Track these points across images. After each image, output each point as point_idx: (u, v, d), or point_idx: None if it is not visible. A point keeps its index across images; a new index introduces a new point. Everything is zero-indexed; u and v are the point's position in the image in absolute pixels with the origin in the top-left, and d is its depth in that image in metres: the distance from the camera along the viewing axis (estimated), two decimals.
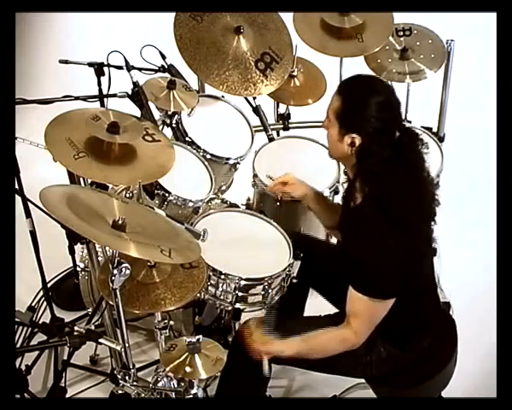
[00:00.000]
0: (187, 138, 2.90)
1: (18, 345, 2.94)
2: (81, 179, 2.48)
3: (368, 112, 2.18)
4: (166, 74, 2.80)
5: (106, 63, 2.71)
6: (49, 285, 3.06)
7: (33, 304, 3.12)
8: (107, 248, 2.69)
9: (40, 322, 3.03)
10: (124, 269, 2.03)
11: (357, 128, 2.19)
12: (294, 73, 3.23)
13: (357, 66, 3.11)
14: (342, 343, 2.30)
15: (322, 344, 2.34)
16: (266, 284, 2.55)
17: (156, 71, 2.81)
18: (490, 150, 3.39)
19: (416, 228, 2.22)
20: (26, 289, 3.13)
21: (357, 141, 2.20)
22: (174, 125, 2.88)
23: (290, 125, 3.35)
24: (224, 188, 3.06)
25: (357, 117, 2.20)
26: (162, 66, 2.82)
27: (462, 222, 3.46)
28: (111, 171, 2.28)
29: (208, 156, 2.90)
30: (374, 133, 2.18)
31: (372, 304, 2.22)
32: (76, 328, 2.39)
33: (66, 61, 2.83)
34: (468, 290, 3.26)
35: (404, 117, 2.81)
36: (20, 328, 3.02)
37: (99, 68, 2.74)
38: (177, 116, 2.87)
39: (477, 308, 3.19)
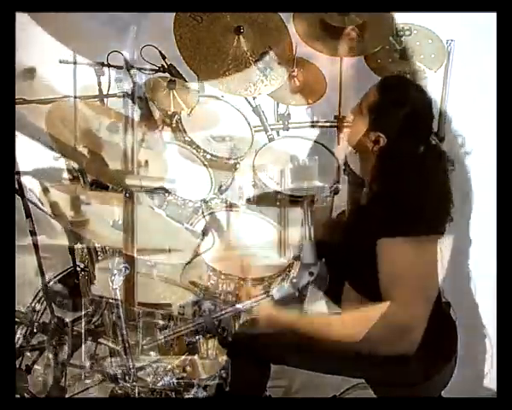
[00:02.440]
0: (187, 138, 2.90)
1: (18, 345, 2.94)
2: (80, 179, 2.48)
3: (400, 115, 2.16)
4: (166, 74, 2.80)
5: (106, 63, 2.71)
6: (49, 285, 3.06)
7: (33, 304, 3.12)
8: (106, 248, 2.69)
9: (40, 322, 3.03)
10: (124, 269, 2.03)
11: (386, 128, 2.18)
12: (294, 73, 3.23)
13: (356, 66, 3.11)
14: (385, 321, 2.10)
15: (337, 323, 2.21)
16: (266, 283, 2.55)
17: (156, 71, 2.80)
18: (490, 150, 3.38)
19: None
20: (26, 289, 3.13)
21: (382, 141, 2.19)
22: (174, 125, 2.88)
23: (290, 126, 3.35)
24: (223, 188, 3.05)
25: (389, 117, 2.18)
26: (162, 66, 2.82)
27: (462, 222, 3.45)
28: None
29: (208, 156, 2.90)
30: (398, 138, 2.16)
31: (414, 251, 2.07)
32: (76, 328, 2.38)
33: (66, 61, 2.83)
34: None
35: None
36: (20, 328, 3.01)
37: (99, 68, 2.74)
38: (177, 116, 2.88)
39: (477, 308, 3.19)
